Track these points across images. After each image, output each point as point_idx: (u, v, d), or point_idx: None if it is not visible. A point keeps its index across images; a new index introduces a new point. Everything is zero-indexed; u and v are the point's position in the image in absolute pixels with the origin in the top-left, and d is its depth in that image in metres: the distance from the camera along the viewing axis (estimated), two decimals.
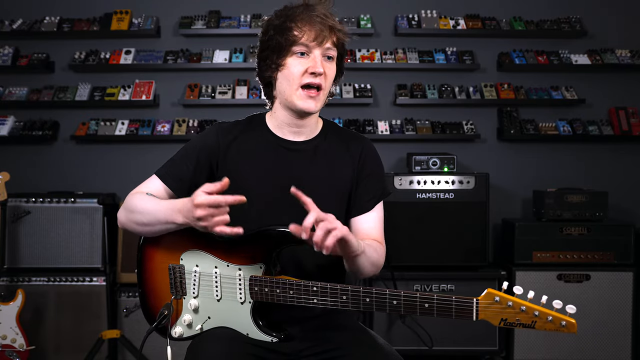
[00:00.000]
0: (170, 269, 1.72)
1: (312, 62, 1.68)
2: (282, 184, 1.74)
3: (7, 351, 3.21)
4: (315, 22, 1.67)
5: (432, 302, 1.50)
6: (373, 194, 1.81)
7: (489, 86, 4.05)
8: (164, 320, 1.69)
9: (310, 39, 1.67)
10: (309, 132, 1.81)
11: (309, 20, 1.68)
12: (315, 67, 1.67)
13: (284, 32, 1.69)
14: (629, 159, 4.13)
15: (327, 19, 1.69)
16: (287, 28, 1.69)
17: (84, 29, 3.99)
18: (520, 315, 1.43)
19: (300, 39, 1.67)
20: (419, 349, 3.49)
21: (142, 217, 1.68)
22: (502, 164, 4.11)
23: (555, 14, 4.10)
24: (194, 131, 3.96)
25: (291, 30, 1.68)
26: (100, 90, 4.02)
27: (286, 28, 1.69)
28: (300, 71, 1.68)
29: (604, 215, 3.66)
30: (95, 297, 3.53)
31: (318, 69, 1.67)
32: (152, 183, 1.78)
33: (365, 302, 1.55)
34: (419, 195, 3.57)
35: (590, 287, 3.55)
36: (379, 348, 1.64)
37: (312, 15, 1.68)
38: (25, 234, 3.57)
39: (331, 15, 1.71)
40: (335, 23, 1.71)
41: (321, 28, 1.67)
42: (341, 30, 1.72)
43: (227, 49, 4.06)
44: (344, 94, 4.02)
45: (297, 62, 1.69)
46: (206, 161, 1.78)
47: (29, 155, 4.07)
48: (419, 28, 4.05)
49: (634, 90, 4.14)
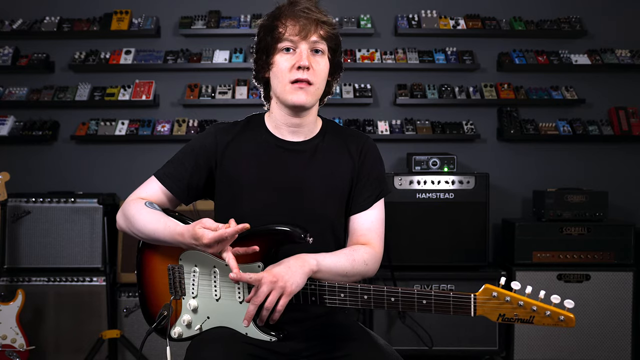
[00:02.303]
0: (170, 269, 1.72)
1: (297, 57, 1.67)
2: (281, 185, 1.74)
3: (7, 351, 3.21)
4: (299, 16, 1.67)
5: (430, 299, 1.49)
6: (372, 192, 1.81)
7: (489, 86, 4.05)
8: (163, 321, 1.69)
9: (294, 33, 1.67)
10: (308, 131, 1.80)
11: (293, 15, 1.68)
12: (300, 60, 1.67)
13: (270, 31, 1.70)
14: (629, 159, 4.13)
15: (312, 13, 1.68)
16: (273, 27, 1.69)
17: (84, 29, 3.99)
18: (518, 311, 1.43)
19: (285, 35, 1.68)
20: (419, 349, 3.50)
21: (141, 232, 1.69)
22: (502, 164, 4.11)
23: (555, 14, 4.10)
24: (194, 131, 3.96)
25: (277, 28, 1.69)
26: (100, 90, 4.02)
27: (272, 27, 1.70)
28: (287, 67, 1.68)
29: (604, 215, 3.66)
30: (95, 297, 3.53)
31: (304, 62, 1.66)
32: (151, 185, 1.78)
33: (363, 300, 1.55)
34: (419, 195, 3.57)
35: (590, 287, 3.55)
36: (379, 348, 1.63)
37: (295, 10, 1.68)
38: (25, 234, 3.57)
39: (317, 9, 1.70)
40: (321, 16, 1.69)
41: (305, 22, 1.67)
42: (326, 22, 1.70)
43: (227, 49, 4.06)
44: (344, 94, 4.02)
45: (284, 59, 1.69)
46: (204, 162, 1.77)
47: (29, 155, 4.07)
48: (419, 28, 4.05)
49: (634, 90, 4.14)
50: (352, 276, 1.69)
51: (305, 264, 1.58)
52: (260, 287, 1.53)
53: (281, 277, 1.53)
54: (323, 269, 1.62)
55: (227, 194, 1.78)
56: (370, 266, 1.73)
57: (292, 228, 1.59)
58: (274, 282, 1.53)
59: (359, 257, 1.71)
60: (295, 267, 1.56)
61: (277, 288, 1.53)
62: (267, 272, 1.55)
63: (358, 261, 1.70)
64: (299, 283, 1.55)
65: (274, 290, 1.53)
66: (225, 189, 1.78)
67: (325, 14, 1.72)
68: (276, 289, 1.53)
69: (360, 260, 1.70)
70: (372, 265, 1.74)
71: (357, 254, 1.71)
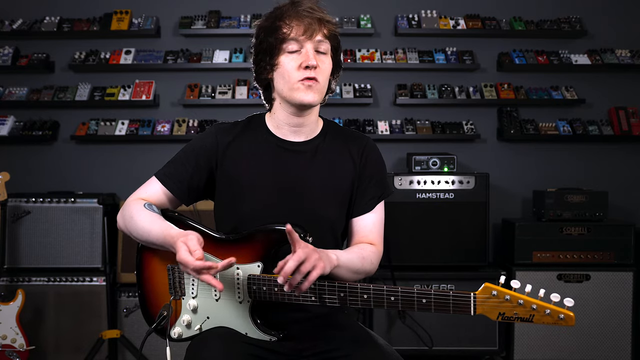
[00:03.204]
0: (169, 269, 1.72)
1: (304, 56, 1.67)
2: (282, 185, 1.74)
3: (7, 351, 3.21)
4: (303, 16, 1.67)
5: (430, 297, 1.49)
6: (374, 194, 1.81)
7: (489, 86, 4.05)
8: (163, 321, 1.69)
9: (299, 33, 1.67)
10: (309, 132, 1.80)
11: (297, 16, 1.67)
12: (308, 60, 1.66)
13: (273, 32, 1.69)
14: (629, 159, 4.13)
15: (315, 12, 1.68)
16: (276, 27, 1.68)
17: (84, 29, 3.99)
18: (518, 309, 1.43)
19: (290, 35, 1.67)
20: (419, 349, 3.49)
21: (136, 232, 1.70)
22: (502, 164, 4.11)
23: (555, 14, 4.10)
24: (194, 131, 3.96)
25: (280, 28, 1.68)
26: (100, 90, 4.02)
27: (275, 28, 1.69)
28: (294, 67, 1.68)
29: (604, 215, 3.66)
30: (95, 297, 3.53)
31: (311, 61, 1.66)
32: (152, 185, 1.78)
33: (363, 299, 1.55)
34: (419, 195, 3.57)
35: (590, 287, 3.55)
36: (379, 348, 1.63)
37: (299, 10, 1.68)
38: (25, 234, 3.57)
39: (319, 8, 1.70)
40: (324, 15, 1.70)
41: (309, 21, 1.67)
42: (330, 22, 1.71)
43: (227, 49, 4.06)
44: (344, 94, 4.02)
45: (290, 59, 1.68)
46: (205, 163, 1.77)
47: (29, 155, 4.07)
48: (419, 28, 4.05)
49: (634, 90, 4.14)
50: (361, 274, 1.72)
51: (329, 255, 1.59)
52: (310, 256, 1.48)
53: (317, 252, 1.51)
54: (342, 264, 1.63)
55: (228, 194, 1.77)
56: (374, 265, 1.77)
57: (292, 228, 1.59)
58: (312, 252, 1.50)
59: (367, 255, 1.74)
60: (322, 254, 1.55)
61: (313, 260, 1.48)
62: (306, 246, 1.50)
63: (367, 259, 1.73)
64: (326, 267, 1.53)
65: (309, 261, 1.48)
66: (225, 189, 1.78)
67: (327, 12, 1.72)
68: (312, 261, 1.48)
69: (368, 258, 1.74)
70: (376, 264, 1.78)
71: (366, 252, 1.74)
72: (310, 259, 1.47)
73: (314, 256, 1.49)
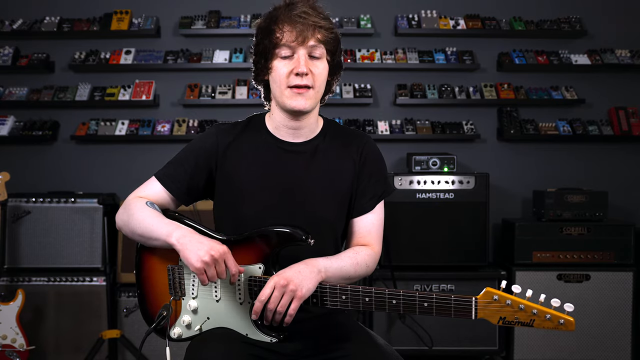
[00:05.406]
0: (169, 269, 1.71)
1: (295, 62, 1.66)
2: (281, 186, 1.74)
3: (7, 351, 3.21)
4: (295, 21, 1.65)
5: (431, 301, 1.50)
6: (374, 192, 1.80)
7: (489, 86, 4.05)
8: (162, 321, 1.69)
9: (291, 40, 1.65)
10: (308, 132, 1.79)
11: (289, 21, 1.66)
12: (298, 67, 1.66)
13: (268, 35, 1.68)
14: (629, 159, 4.13)
15: (309, 17, 1.66)
16: (271, 31, 1.68)
17: (84, 29, 3.99)
18: (518, 314, 1.44)
19: (282, 41, 1.66)
20: (419, 349, 3.50)
21: (138, 228, 1.68)
22: (502, 164, 4.11)
23: (555, 14, 4.10)
24: (194, 131, 3.96)
25: (274, 32, 1.67)
26: (100, 90, 4.02)
27: (270, 31, 1.68)
28: (285, 73, 1.67)
29: (604, 215, 3.66)
30: (95, 297, 3.53)
31: (301, 69, 1.65)
32: (151, 185, 1.78)
33: (365, 302, 1.55)
34: (419, 195, 3.57)
35: (590, 287, 3.55)
36: (379, 348, 1.64)
37: (292, 14, 1.66)
38: (25, 234, 3.57)
39: (313, 12, 1.67)
40: (318, 20, 1.67)
41: (302, 27, 1.65)
42: (324, 26, 1.68)
43: (227, 49, 4.06)
44: (344, 94, 4.02)
45: (282, 64, 1.68)
46: (205, 163, 1.77)
47: (29, 155, 4.07)
48: (419, 28, 4.05)
49: (634, 90, 4.14)
50: (354, 279, 1.73)
51: (314, 269, 1.60)
52: (266, 287, 1.55)
53: (292, 281, 1.54)
54: (330, 274, 1.64)
55: (228, 195, 1.77)
56: (370, 267, 1.77)
57: (293, 229, 1.59)
58: (284, 286, 1.54)
59: (362, 260, 1.73)
60: (305, 272, 1.58)
61: (288, 292, 1.54)
62: (278, 275, 1.56)
63: (361, 264, 1.73)
64: (309, 287, 1.57)
65: (285, 294, 1.54)
66: (225, 190, 1.78)
67: (323, 15, 1.70)
68: (287, 293, 1.54)
69: (363, 263, 1.74)
70: (372, 266, 1.78)
71: (360, 257, 1.74)
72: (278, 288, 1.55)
73: (277, 287, 1.55)
